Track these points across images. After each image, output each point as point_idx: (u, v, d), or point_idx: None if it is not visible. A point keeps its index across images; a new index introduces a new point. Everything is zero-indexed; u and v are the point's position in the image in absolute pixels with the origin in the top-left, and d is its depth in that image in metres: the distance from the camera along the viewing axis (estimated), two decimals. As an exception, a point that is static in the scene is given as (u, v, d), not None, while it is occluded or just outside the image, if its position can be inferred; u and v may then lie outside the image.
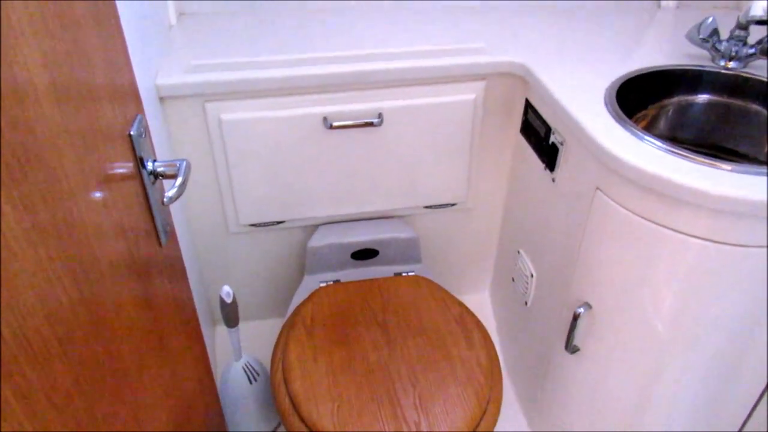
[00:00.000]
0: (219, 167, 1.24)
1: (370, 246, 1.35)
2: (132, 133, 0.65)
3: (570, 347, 1.07)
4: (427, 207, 1.41)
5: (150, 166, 0.69)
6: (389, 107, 1.21)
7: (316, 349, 1.09)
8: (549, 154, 1.12)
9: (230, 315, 1.16)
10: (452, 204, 1.42)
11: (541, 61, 1.17)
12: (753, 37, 1.12)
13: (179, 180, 0.69)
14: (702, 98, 1.15)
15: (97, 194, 0.54)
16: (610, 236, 0.95)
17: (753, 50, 1.10)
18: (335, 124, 1.20)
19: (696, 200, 0.82)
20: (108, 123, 0.59)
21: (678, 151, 0.87)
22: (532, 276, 1.26)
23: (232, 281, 1.49)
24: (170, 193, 0.68)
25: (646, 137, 0.90)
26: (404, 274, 1.27)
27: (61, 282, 0.45)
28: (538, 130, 1.17)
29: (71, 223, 0.48)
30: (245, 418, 1.29)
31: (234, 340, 1.21)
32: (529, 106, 1.21)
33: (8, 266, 0.38)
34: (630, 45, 1.24)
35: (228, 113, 1.17)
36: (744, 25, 1.09)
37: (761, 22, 1.06)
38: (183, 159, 0.71)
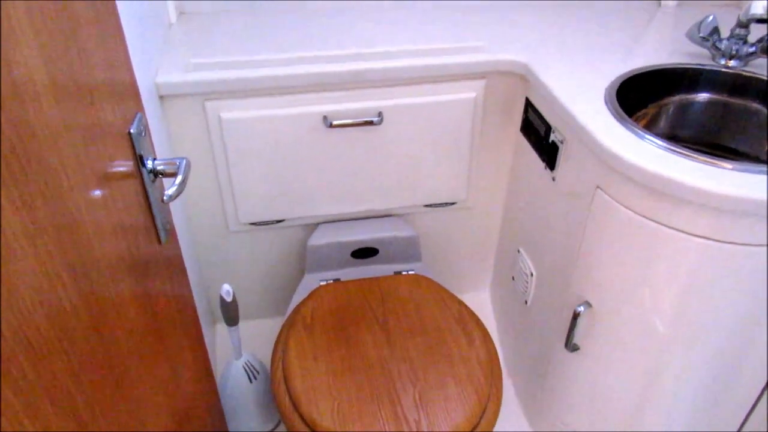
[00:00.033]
0: (219, 166, 1.24)
1: (370, 245, 1.35)
2: (132, 132, 0.65)
3: (570, 346, 1.07)
4: (427, 206, 1.41)
5: (150, 165, 0.69)
6: (389, 106, 1.21)
7: (316, 348, 1.09)
8: (549, 153, 1.12)
9: (230, 313, 1.16)
10: (452, 203, 1.42)
11: (542, 60, 1.17)
12: (753, 36, 1.12)
13: (179, 178, 0.69)
14: (702, 97, 1.15)
15: (97, 192, 0.54)
16: (611, 235, 0.95)
17: (753, 49, 1.09)
18: (335, 123, 1.20)
19: (696, 199, 0.82)
20: (108, 121, 0.59)
21: (678, 150, 0.87)
22: (532, 275, 1.26)
23: (232, 280, 1.49)
24: (170, 192, 0.68)
25: (647, 136, 0.90)
26: (404, 273, 1.27)
27: (61, 280, 0.45)
28: (539, 129, 1.17)
29: (71, 222, 0.48)
30: (245, 417, 1.29)
31: (234, 339, 1.21)
32: (530, 105, 1.21)
33: (8, 264, 0.38)
34: (630, 43, 1.24)
35: (228, 112, 1.17)
36: (744, 24, 1.09)
37: (762, 21, 1.06)
38: (183, 157, 0.71)
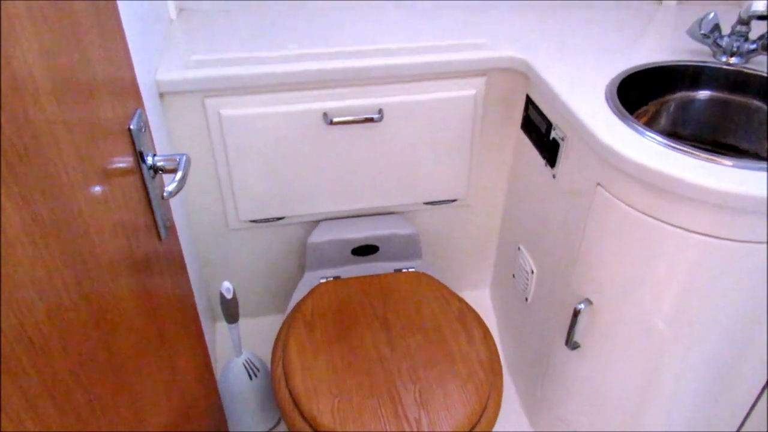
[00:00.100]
0: (219, 163, 1.24)
1: (371, 242, 1.35)
2: (132, 128, 0.65)
3: (570, 343, 1.07)
4: (428, 203, 1.41)
5: (150, 161, 0.69)
6: (389, 103, 1.21)
7: (317, 345, 1.09)
8: (550, 150, 1.12)
9: (230, 311, 1.16)
10: (452, 200, 1.42)
11: (542, 57, 1.17)
12: (754, 33, 1.12)
13: (179, 174, 0.69)
14: (703, 94, 1.14)
15: (97, 188, 0.54)
16: (611, 232, 0.95)
17: (754, 46, 1.09)
18: (335, 120, 1.20)
19: (697, 196, 0.81)
20: (107, 117, 0.59)
21: (679, 147, 0.86)
22: (533, 272, 1.26)
23: (233, 277, 1.49)
24: (170, 188, 0.68)
25: (648, 133, 0.90)
26: (404, 271, 1.27)
27: (61, 276, 0.45)
28: (539, 126, 1.17)
29: (71, 218, 0.48)
30: (245, 414, 1.29)
31: (234, 336, 1.21)
32: (530, 102, 1.21)
33: (8, 261, 0.38)
34: (631, 41, 1.24)
35: (228, 109, 1.16)
36: (745, 21, 1.08)
37: (762, 18, 1.05)
38: (183, 153, 0.70)
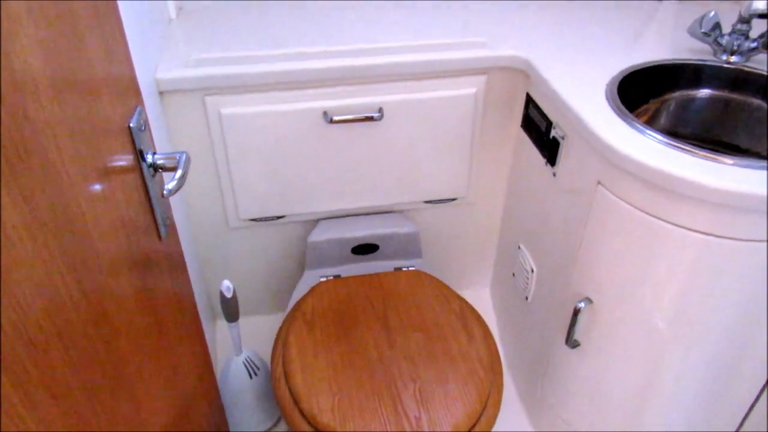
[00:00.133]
0: (219, 162, 1.24)
1: (371, 241, 1.35)
2: (131, 125, 0.65)
3: (570, 342, 1.07)
4: (428, 202, 1.41)
5: (150, 159, 0.69)
6: (390, 101, 1.21)
7: (317, 344, 1.09)
8: (550, 149, 1.12)
9: (230, 310, 1.16)
10: (453, 199, 1.41)
11: (543, 56, 1.17)
12: (755, 31, 1.12)
13: (179, 172, 0.69)
14: (703, 93, 1.14)
15: (97, 186, 0.54)
16: (611, 231, 0.94)
17: (755, 44, 1.09)
18: (335, 119, 1.19)
19: (697, 194, 0.81)
20: (107, 115, 0.59)
21: (679, 146, 0.86)
22: (533, 271, 1.26)
23: (233, 276, 1.49)
24: (170, 186, 0.68)
25: (648, 131, 0.90)
26: (404, 269, 1.27)
27: (61, 274, 0.45)
28: (539, 125, 1.16)
29: (71, 216, 0.48)
30: (246, 413, 1.29)
31: (234, 335, 1.21)
32: (530, 101, 1.21)
33: (8, 258, 0.38)
34: (631, 39, 1.24)
35: (228, 107, 1.16)
36: (746, 19, 1.08)
37: (763, 16, 1.05)
38: (183, 151, 0.70)
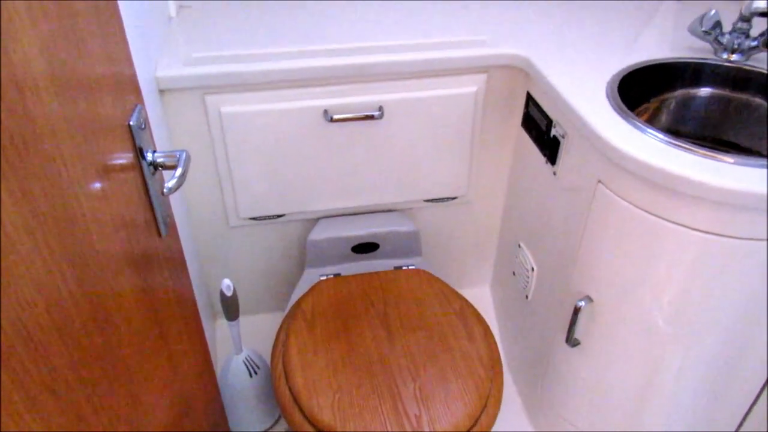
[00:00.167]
0: (219, 160, 1.24)
1: (371, 240, 1.35)
2: (131, 124, 0.65)
3: (571, 341, 1.07)
4: (428, 200, 1.41)
5: (150, 157, 0.69)
6: (390, 100, 1.21)
7: (317, 343, 1.09)
8: (550, 148, 1.12)
9: (230, 308, 1.16)
10: (453, 197, 1.41)
11: (543, 54, 1.16)
12: (756, 30, 1.12)
13: (179, 171, 0.68)
14: (704, 91, 1.14)
15: (97, 184, 0.54)
16: (612, 229, 0.94)
17: (755, 43, 1.09)
18: (336, 117, 1.19)
19: (698, 193, 0.81)
20: (107, 113, 0.59)
21: (680, 144, 0.86)
22: (533, 269, 1.26)
23: (233, 275, 1.49)
24: (170, 184, 0.68)
25: (648, 130, 0.90)
26: (405, 268, 1.27)
27: (61, 272, 0.45)
28: (540, 123, 1.16)
29: (70, 213, 0.48)
30: (246, 412, 1.29)
31: (234, 334, 1.21)
32: (531, 99, 1.20)
33: (7, 256, 0.37)
34: (632, 38, 1.24)
35: (228, 106, 1.16)
36: (746, 18, 1.08)
37: (764, 15, 1.05)
38: (183, 150, 0.70)
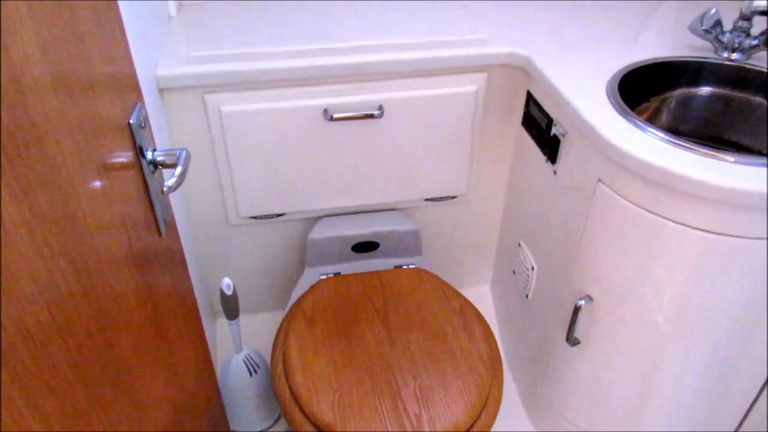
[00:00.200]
0: (219, 159, 1.24)
1: (371, 239, 1.35)
2: (131, 122, 0.65)
3: (571, 339, 1.07)
4: (428, 199, 1.41)
5: (149, 156, 0.69)
6: (390, 99, 1.21)
7: (317, 342, 1.09)
8: (550, 146, 1.12)
9: (230, 307, 1.16)
10: (453, 196, 1.41)
11: (543, 53, 1.16)
12: (756, 28, 1.12)
13: (179, 169, 0.68)
14: (704, 90, 1.14)
15: (97, 183, 0.54)
16: (612, 228, 0.94)
17: (756, 41, 1.09)
18: (336, 116, 1.19)
19: (698, 192, 0.81)
20: (107, 112, 0.58)
21: (680, 143, 0.86)
22: (533, 268, 1.25)
23: (233, 274, 1.49)
24: (170, 183, 0.68)
25: (649, 129, 0.90)
26: (405, 267, 1.27)
27: (60, 270, 0.45)
28: (540, 122, 1.16)
29: (70, 212, 0.47)
30: (246, 411, 1.29)
31: (234, 333, 1.21)
32: (531, 98, 1.20)
33: (7, 254, 0.37)
34: (632, 36, 1.24)
35: (228, 105, 1.16)
36: (747, 16, 1.08)
37: (764, 13, 1.05)
38: (183, 148, 0.70)
